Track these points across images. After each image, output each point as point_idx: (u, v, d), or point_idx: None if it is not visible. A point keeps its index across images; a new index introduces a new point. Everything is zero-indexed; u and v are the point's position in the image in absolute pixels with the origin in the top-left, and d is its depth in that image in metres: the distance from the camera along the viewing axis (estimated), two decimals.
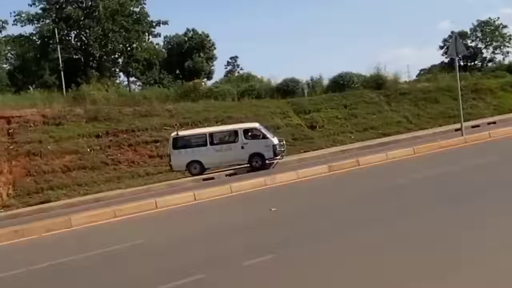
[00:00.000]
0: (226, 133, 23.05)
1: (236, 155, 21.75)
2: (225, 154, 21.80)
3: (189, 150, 22.07)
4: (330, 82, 35.81)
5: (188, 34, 50.99)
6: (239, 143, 21.77)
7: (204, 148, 21.96)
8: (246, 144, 21.67)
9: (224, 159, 21.87)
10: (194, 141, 22.45)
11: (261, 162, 21.69)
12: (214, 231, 9.12)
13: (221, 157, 21.79)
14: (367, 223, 7.80)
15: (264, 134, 22.25)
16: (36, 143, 25.83)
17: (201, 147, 22.03)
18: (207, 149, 21.91)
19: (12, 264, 8.84)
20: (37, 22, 41.32)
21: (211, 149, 21.91)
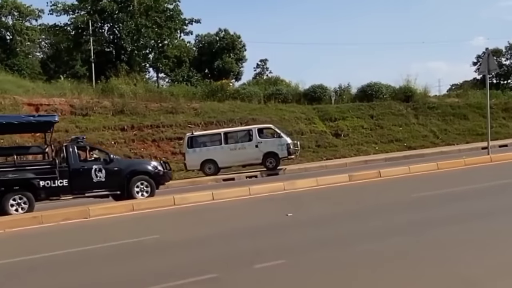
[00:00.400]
0: (240, 132, 23.17)
1: (250, 154, 22.00)
2: (239, 153, 21.99)
3: (204, 149, 22.27)
4: (358, 91, 35.64)
5: (219, 34, 51.17)
6: (254, 141, 21.96)
7: (219, 147, 22.11)
8: (260, 143, 21.85)
9: (239, 158, 21.98)
10: (209, 141, 22.63)
11: (275, 163, 21.73)
12: (228, 232, 9.09)
13: (236, 156, 21.95)
14: (379, 235, 7.68)
15: (279, 133, 22.35)
16: (63, 132, 26.19)
17: (216, 146, 22.16)
18: (222, 147, 22.10)
19: (23, 250, 8.95)
20: (72, 13, 42.00)
21: (225, 147, 22.08)
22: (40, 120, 15.05)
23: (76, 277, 6.75)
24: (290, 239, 8.04)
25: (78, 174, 14.25)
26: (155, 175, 15.40)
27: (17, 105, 27.23)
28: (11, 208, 13.25)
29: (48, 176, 13.72)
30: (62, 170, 13.92)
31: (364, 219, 9.24)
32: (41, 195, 13.78)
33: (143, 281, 6.24)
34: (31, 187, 13.60)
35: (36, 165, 14.17)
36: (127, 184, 14.76)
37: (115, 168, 14.82)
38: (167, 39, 44.09)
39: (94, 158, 15.20)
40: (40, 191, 13.70)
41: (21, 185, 13.52)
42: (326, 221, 9.35)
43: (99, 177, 14.44)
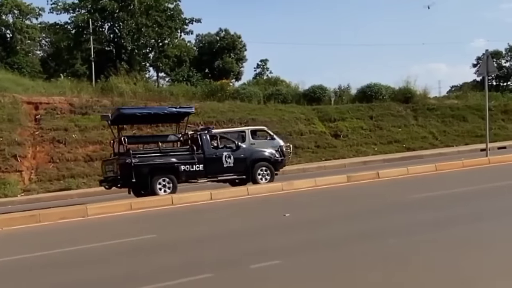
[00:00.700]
0: (233, 134, 23.08)
1: None
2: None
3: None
4: (357, 92, 35.68)
5: (220, 33, 51.20)
6: (247, 143, 21.84)
7: None
8: (253, 144, 21.76)
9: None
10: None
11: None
12: (225, 232, 9.11)
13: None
14: (377, 236, 7.69)
15: (272, 135, 22.38)
16: (62, 130, 26.25)
17: None
18: None
19: (21, 248, 8.95)
20: (72, 11, 42.01)
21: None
22: (181, 111, 17.05)
23: (72, 276, 6.75)
24: (287, 240, 8.04)
25: (212, 160, 15.94)
26: (274, 162, 17.05)
27: (17, 103, 27.26)
28: (159, 189, 14.98)
29: (187, 161, 15.54)
30: (198, 156, 15.70)
31: (362, 220, 9.24)
32: (182, 178, 15.59)
33: (139, 280, 6.25)
34: (175, 171, 15.40)
35: (177, 152, 15.92)
36: (251, 170, 16.38)
37: (241, 155, 16.45)
38: (168, 39, 44.12)
39: (223, 146, 16.63)
40: (182, 174, 15.50)
41: (166, 169, 15.36)
42: (324, 222, 9.35)
43: (228, 162, 16.12)
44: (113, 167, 15.44)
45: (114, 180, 15.44)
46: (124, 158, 15.07)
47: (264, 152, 17.25)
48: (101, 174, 23.56)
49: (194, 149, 15.76)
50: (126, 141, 15.67)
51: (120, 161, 15.11)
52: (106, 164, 16.23)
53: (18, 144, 24.79)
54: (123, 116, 16.49)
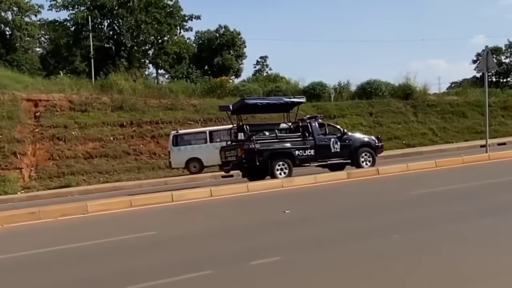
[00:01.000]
0: (226, 131, 23.21)
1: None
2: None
3: (189, 147, 22.42)
4: (357, 89, 35.66)
5: (219, 30, 51.14)
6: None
7: (204, 145, 22.28)
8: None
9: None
10: (194, 139, 22.72)
11: None
12: (225, 229, 9.11)
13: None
14: (378, 233, 7.69)
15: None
16: (61, 128, 26.25)
17: (201, 144, 22.29)
18: (207, 146, 22.24)
19: (21, 245, 8.95)
20: (71, 8, 41.98)
21: (211, 146, 22.23)
22: (294, 101, 18.74)
23: (73, 273, 6.76)
24: (287, 236, 8.04)
25: (321, 146, 17.24)
26: (375, 147, 18.17)
27: (16, 100, 27.24)
28: (277, 172, 16.29)
29: (300, 147, 16.89)
30: (310, 142, 17.01)
31: (362, 216, 9.24)
32: (296, 162, 16.85)
33: (139, 277, 6.25)
34: (290, 155, 16.77)
35: (291, 138, 17.18)
36: (355, 155, 17.55)
37: (346, 141, 17.70)
38: (167, 36, 44.10)
39: (330, 133, 17.95)
40: (296, 158, 16.83)
41: (283, 154, 16.74)
42: (324, 219, 9.36)
43: (335, 148, 17.41)
44: (236, 152, 16.83)
45: (238, 164, 16.82)
46: (248, 144, 16.44)
47: (367, 139, 18.53)
48: (101, 171, 23.64)
49: (306, 135, 17.06)
50: (248, 128, 17.17)
51: (245, 146, 16.47)
52: (227, 150, 17.56)
53: (17, 141, 24.78)
54: (245, 106, 17.93)
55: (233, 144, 17.81)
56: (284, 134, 17.54)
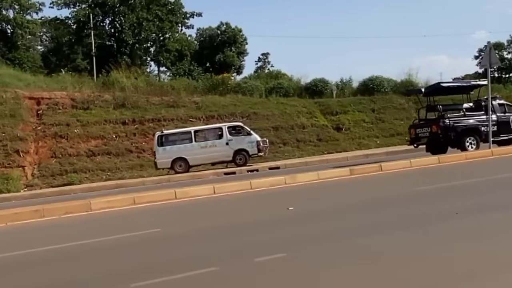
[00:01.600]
0: (211, 130, 23.32)
1: (221, 152, 22.52)
2: (210, 150, 22.46)
3: (175, 147, 22.46)
4: (359, 85, 35.63)
5: (221, 27, 51.02)
6: (224, 139, 22.22)
7: (190, 145, 22.28)
8: (230, 140, 22.19)
9: (209, 155, 22.09)
10: (179, 139, 22.72)
11: (244, 160, 22.00)
12: (229, 225, 9.10)
13: (206, 153, 22.22)
14: (382, 228, 7.68)
15: (248, 131, 22.62)
16: (64, 126, 26.27)
17: (186, 144, 22.29)
18: (192, 145, 22.26)
19: (26, 243, 8.96)
20: (73, 6, 41.94)
21: (196, 145, 22.25)
22: (480, 83, 21.01)
23: (76, 271, 6.77)
24: (291, 233, 8.03)
25: (502, 122, 19.53)
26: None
27: (18, 98, 27.25)
28: (467, 146, 18.78)
29: (485, 124, 18.95)
30: (492, 120, 18.85)
31: (366, 212, 9.23)
32: (482, 137, 19.05)
33: (144, 274, 6.25)
34: (478, 131, 19.20)
35: (477, 116, 19.47)
36: None
37: None
38: (168, 33, 44.05)
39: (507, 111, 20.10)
40: (482, 134, 19.05)
41: (472, 130, 19.20)
42: (327, 215, 9.35)
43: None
44: (429, 129, 19.28)
45: (432, 139, 19.23)
46: (443, 121, 18.90)
47: None
48: (104, 169, 23.65)
49: (489, 113, 18.77)
50: (441, 108, 19.83)
51: (441, 123, 18.93)
52: (418, 127, 20.02)
53: (20, 139, 24.81)
54: (440, 88, 20.28)
55: (424, 122, 20.24)
56: (470, 113, 19.61)
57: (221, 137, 22.81)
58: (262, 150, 23.01)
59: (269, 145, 27.56)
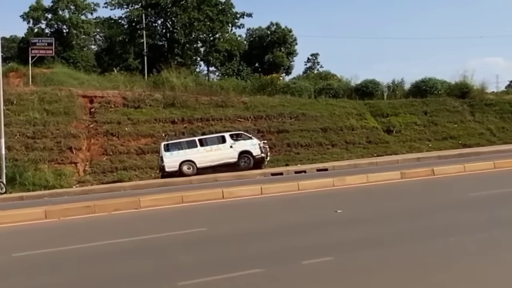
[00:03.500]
0: (214, 137, 23.60)
1: (226, 154, 22.71)
2: (215, 153, 22.66)
3: (181, 152, 22.62)
4: (411, 87, 34.81)
5: (271, 27, 50.96)
6: (228, 143, 22.83)
7: (195, 149, 22.53)
8: (233, 144, 22.75)
9: (215, 158, 22.48)
10: (186, 145, 22.89)
11: (249, 162, 22.70)
12: (276, 227, 9.00)
13: (212, 156, 22.50)
14: (435, 234, 7.42)
15: (250, 136, 23.51)
16: (115, 124, 26.77)
17: (192, 148, 22.46)
18: (198, 149, 22.46)
19: (77, 239, 9.12)
20: (126, 6, 42.70)
21: (201, 149, 22.52)
22: None
23: (124, 267, 6.83)
24: (339, 236, 7.88)
25: None
26: None
27: (72, 96, 27.97)
28: None
29: None
30: None
31: (418, 218, 8.97)
32: None
33: (189, 272, 6.25)
34: None
35: None
36: None
37: None
38: (219, 33, 44.26)
39: None
40: None
41: None
42: (377, 219, 9.12)
43: None
44: None
45: None
46: None
47: None
48: (153, 167, 23.89)
49: None
50: None
51: None
52: None
53: (73, 136, 25.44)
54: None
55: None
56: None
57: (224, 142, 23.19)
58: (264, 152, 23.35)
59: (317, 147, 27.34)
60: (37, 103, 26.93)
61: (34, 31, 43.66)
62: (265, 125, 28.51)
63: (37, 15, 43.18)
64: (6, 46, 41.65)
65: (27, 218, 11.43)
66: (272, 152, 26.69)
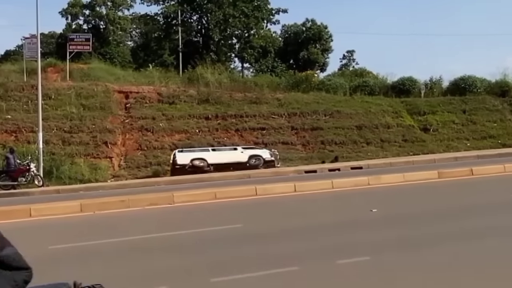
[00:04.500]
0: (226, 148, 24.46)
1: (236, 156, 23.07)
2: (226, 155, 23.06)
3: (193, 153, 22.95)
4: (450, 85, 34.08)
5: (306, 24, 50.60)
6: (239, 150, 23.39)
7: (207, 152, 23.25)
8: (244, 151, 23.30)
9: (226, 159, 22.76)
10: (198, 150, 23.70)
11: (259, 162, 22.82)
12: (310, 225, 8.89)
13: (223, 157, 22.88)
14: (473, 236, 7.20)
15: (260, 148, 24.19)
16: (150, 119, 27.00)
17: (205, 152, 23.29)
18: (209, 152, 23.26)
19: (112, 232, 9.18)
20: (162, 2, 43.02)
21: (213, 152, 23.31)
22: None
23: (158, 262, 6.82)
24: (375, 236, 7.73)
25: None
26: None
27: (109, 92, 28.33)
28: None
29: None
30: None
31: (457, 218, 8.74)
32: None
33: (224, 269, 6.20)
34: None
35: None
36: None
37: None
38: (254, 29, 44.18)
39: None
40: None
41: None
42: (414, 219, 8.92)
43: None
44: None
45: None
46: None
47: None
48: None
49: None
50: None
51: None
52: None
53: (109, 131, 25.75)
54: None
55: None
56: None
57: (236, 150, 23.67)
58: (274, 156, 23.44)
59: (352, 144, 27.04)
60: (74, 98, 27.36)
61: (72, 27, 44.48)
62: (299, 122, 28.33)
63: (75, 11, 43.96)
64: (45, 42, 42.43)
65: (64, 211, 11.58)
66: (306, 150, 26.49)
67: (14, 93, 27.33)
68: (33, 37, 26.95)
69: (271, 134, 27.26)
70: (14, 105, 26.56)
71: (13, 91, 27.47)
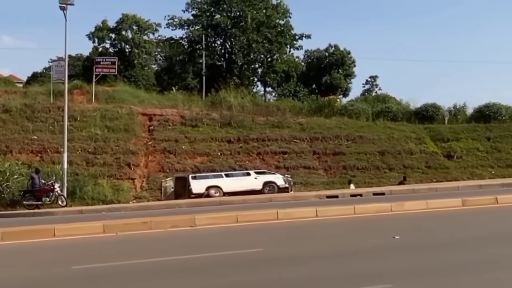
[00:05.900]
0: (239, 172, 24.25)
1: (250, 183, 22.80)
2: (240, 182, 22.79)
3: (208, 180, 22.76)
4: (474, 112, 33.82)
5: (329, 49, 50.81)
6: (252, 176, 23.11)
7: (221, 179, 23.00)
8: (258, 176, 23.05)
9: (240, 185, 22.54)
10: (212, 176, 23.39)
11: (274, 189, 22.57)
12: (331, 251, 8.83)
13: (237, 184, 22.63)
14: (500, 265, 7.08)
15: (273, 172, 23.97)
16: (172, 141, 27.26)
17: (219, 178, 23.03)
18: (224, 179, 22.96)
19: (134, 254, 9.22)
20: (187, 27, 43.69)
21: (227, 179, 22.97)
22: None
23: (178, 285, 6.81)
24: (397, 263, 7.65)
25: None
26: None
27: (133, 114, 28.73)
28: None
29: None
30: None
31: (480, 247, 8.59)
32: None
33: None
34: None
35: None
36: None
37: None
38: (277, 54, 44.52)
39: None
40: None
41: None
42: (436, 247, 8.80)
43: None
44: None
45: None
46: None
47: None
48: None
49: None
50: None
51: None
52: None
53: (132, 153, 26.04)
54: None
55: None
56: None
57: (249, 175, 23.44)
58: (288, 183, 23.35)
59: (374, 170, 26.86)
60: (99, 119, 27.80)
61: (98, 50, 45.28)
62: (321, 147, 28.31)
63: (101, 34, 44.79)
64: (72, 64, 43.25)
65: (87, 232, 11.69)
66: (328, 174, 26.38)
67: (41, 114, 27.91)
68: (60, 59, 27.58)
69: (293, 158, 27.27)
70: (40, 126, 27.09)
71: (39, 112, 28.05)
